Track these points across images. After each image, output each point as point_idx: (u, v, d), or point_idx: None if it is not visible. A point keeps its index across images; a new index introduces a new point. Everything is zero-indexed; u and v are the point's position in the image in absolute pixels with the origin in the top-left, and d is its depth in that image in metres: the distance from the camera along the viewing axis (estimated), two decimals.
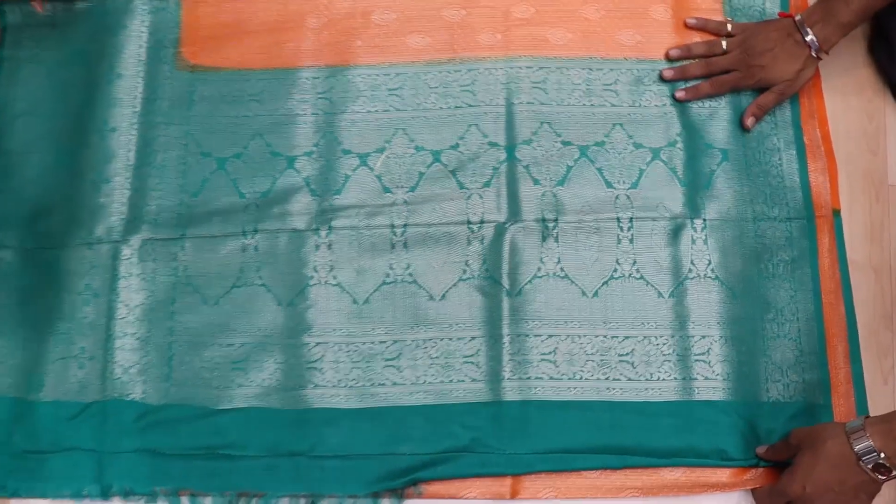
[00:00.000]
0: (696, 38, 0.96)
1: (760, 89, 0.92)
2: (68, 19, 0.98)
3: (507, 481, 0.84)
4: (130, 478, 0.83)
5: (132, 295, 0.88)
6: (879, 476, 0.73)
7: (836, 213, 0.91)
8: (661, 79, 0.93)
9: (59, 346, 0.87)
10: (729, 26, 0.94)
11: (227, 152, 0.93)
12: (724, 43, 0.93)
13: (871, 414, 0.83)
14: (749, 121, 0.92)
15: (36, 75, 0.97)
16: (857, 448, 0.73)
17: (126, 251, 0.89)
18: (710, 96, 0.93)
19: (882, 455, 0.72)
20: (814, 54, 0.89)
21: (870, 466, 0.73)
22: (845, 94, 0.95)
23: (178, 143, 0.93)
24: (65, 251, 0.90)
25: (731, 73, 0.92)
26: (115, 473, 0.84)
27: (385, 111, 0.94)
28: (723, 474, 0.84)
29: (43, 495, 0.84)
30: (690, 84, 0.94)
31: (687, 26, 0.96)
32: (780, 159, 0.93)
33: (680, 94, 0.92)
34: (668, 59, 0.94)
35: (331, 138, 0.93)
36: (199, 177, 0.92)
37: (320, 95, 0.94)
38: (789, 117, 0.94)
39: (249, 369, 0.87)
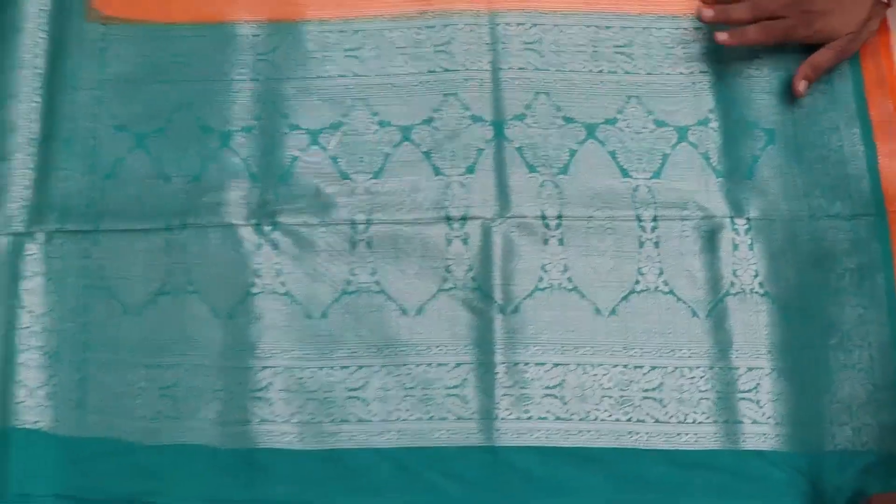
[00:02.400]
0: None
1: (813, 46, 0.82)
2: None
3: None
4: None
5: (37, 300, 0.81)
6: None
7: None
8: (700, 20, 0.84)
9: None
10: None
11: (146, 126, 0.85)
12: None
13: None
14: (801, 85, 0.82)
15: None
16: None
17: (30, 247, 0.82)
18: (759, 44, 0.83)
19: None
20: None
21: None
22: None
23: (88, 112, 0.85)
24: None
25: (781, 20, 0.82)
26: None
27: (341, 76, 0.85)
28: None
29: None
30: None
31: None
32: (840, 140, 0.82)
33: (722, 37, 0.82)
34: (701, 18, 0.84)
35: (274, 111, 0.84)
36: (113, 155, 0.84)
37: (261, 57, 0.86)
38: (850, 87, 0.84)
39: (181, 397, 0.79)
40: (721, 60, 0.83)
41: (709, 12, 0.82)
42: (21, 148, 0.83)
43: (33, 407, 0.78)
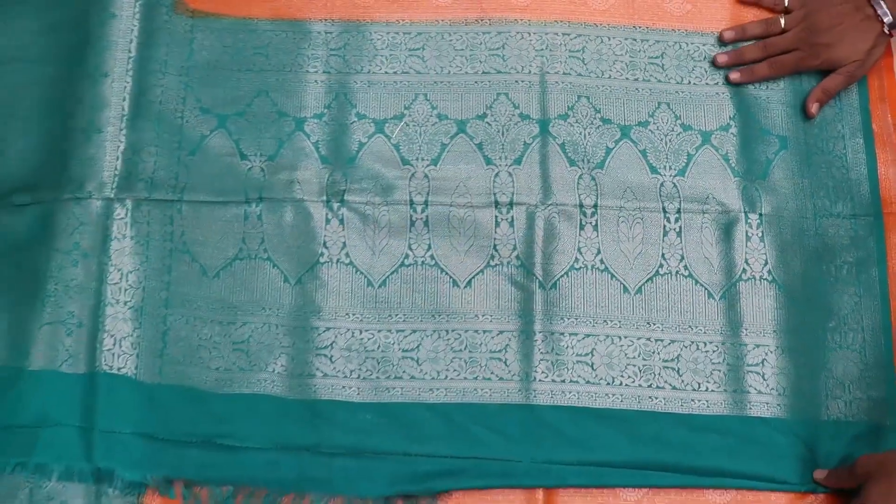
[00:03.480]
0: (751, 13, 0.91)
1: (824, 72, 0.87)
2: None
3: (539, 495, 0.79)
4: (121, 461, 0.79)
5: (125, 259, 0.84)
6: None
7: None
8: (714, 65, 0.89)
9: (47, 309, 0.82)
10: (787, 1, 0.89)
11: (228, 109, 0.88)
12: (782, 20, 0.88)
13: None
14: (814, 107, 0.87)
15: (23, 18, 0.92)
16: None
17: (119, 210, 0.85)
18: (769, 79, 0.88)
19: None
20: (886, 30, 0.84)
21: None
22: None
23: (176, 95, 0.89)
24: (53, 206, 0.85)
25: (791, 52, 0.87)
26: (106, 455, 0.79)
27: (405, 73, 0.89)
28: (777, 499, 0.79)
29: (30, 473, 0.79)
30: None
31: (740, 1, 0.91)
32: (844, 148, 0.88)
33: (735, 76, 0.88)
34: (722, 42, 0.90)
35: (344, 100, 0.88)
36: (197, 134, 0.87)
37: (333, 52, 0.89)
38: (856, 101, 0.89)
39: (252, 352, 0.82)
40: None
41: (722, 57, 0.88)
42: (112, 122, 0.87)
43: (119, 354, 0.81)
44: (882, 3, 0.83)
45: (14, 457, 0.79)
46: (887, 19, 0.83)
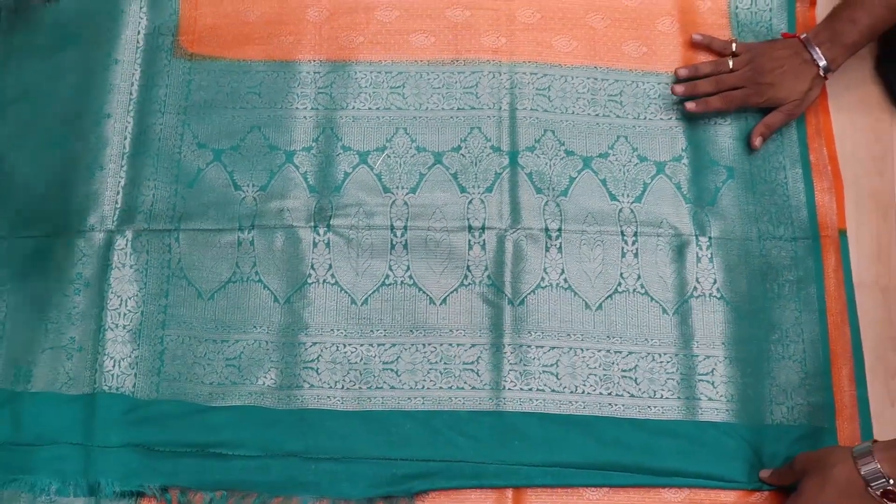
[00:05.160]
0: (702, 56, 0.97)
1: (767, 109, 0.93)
2: (63, 4, 0.98)
3: (509, 494, 0.83)
4: (118, 473, 0.82)
5: (125, 286, 0.88)
6: (888, 503, 0.72)
7: (843, 233, 0.92)
8: (672, 93, 0.93)
9: (49, 335, 0.86)
10: (734, 46, 0.95)
11: (223, 144, 0.93)
12: (730, 62, 0.94)
13: (877, 438, 0.82)
14: (757, 141, 0.92)
15: (29, 60, 0.96)
16: (864, 473, 0.72)
17: (120, 241, 0.89)
18: (720, 111, 0.93)
19: (891, 481, 0.71)
20: (821, 73, 0.90)
21: (878, 493, 0.72)
22: (852, 112, 0.96)
23: (174, 132, 0.93)
24: (57, 239, 0.89)
25: (739, 89, 0.92)
26: (103, 468, 0.82)
27: (386, 109, 0.94)
28: (727, 497, 0.84)
29: (28, 489, 0.82)
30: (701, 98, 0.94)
31: (693, 43, 0.97)
32: (785, 178, 0.93)
33: (690, 106, 0.92)
34: (677, 78, 0.95)
35: (330, 134, 0.93)
36: (194, 167, 0.91)
37: (320, 90, 0.94)
38: (795, 135, 0.95)
39: (244, 367, 0.86)
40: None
41: (680, 88, 0.92)
42: (114, 160, 0.91)
43: (118, 375, 0.85)
44: (817, 49, 0.89)
45: (13, 473, 0.82)
46: (822, 63, 0.89)
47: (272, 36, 0.96)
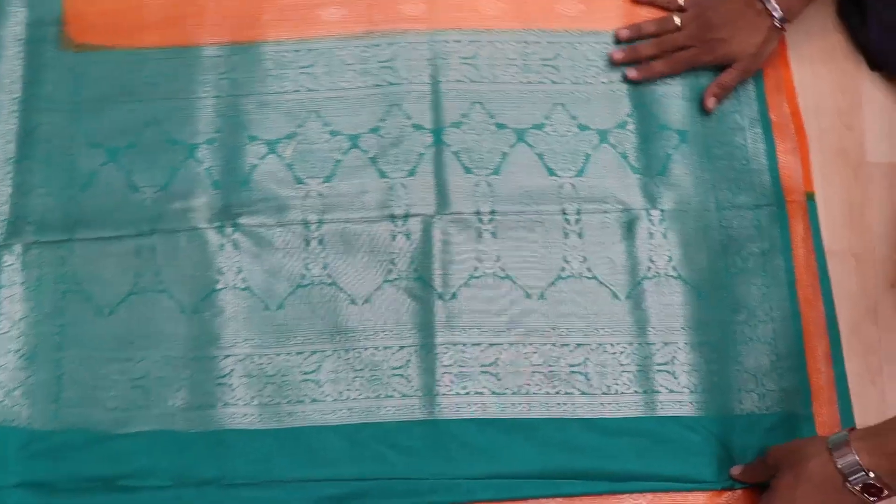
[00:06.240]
0: (645, 12, 0.92)
1: (720, 67, 0.88)
2: None
3: None
4: None
5: (15, 306, 0.83)
6: (870, 497, 0.68)
7: (810, 196, 0.87)
8: (611, 62, 0.89)
9: None
10: (680, 0, 0.90)
11: (119, 142, 0.87)
12: (676, 18, 0.89)
13: (860, 420, 0.80)
14: (710, 101, 0.87)
15: None
16: (841, 466, 0.68)
17: (7, 258, 0.84)
18: (665, 76, 0.89)
19: (871, 474, 0.67)
20: (777, 24, 0.85)
21: (858, 487, 0.68)
22: (814, 63, 0.91)
23: (65, 132, 0.88)
24: None
25: (687, 49, 0.88)
26: None
27: (295, 91, 0.88)
28: (695, 499, 0.79)
29: None
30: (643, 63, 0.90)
31: (634, 0, 0.92)
32: (744, 139, 0.88)
33: (632, 74, 0.88)
34: (617, 40, 0.90)
35: (235, 123, 0.88)
36: (87, 169, 0.87)
37: (223, 76, 0.89)
38: (753, 92, 0.89)
39: (151, 387, 0.81)
40: None
41: (619, 54, 0.88)
42: None
43: (10, 406, 0.80)
44: None
45: None
46: (777, 14, 0.84)
47: (170, 19, 0.90)
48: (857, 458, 0.67)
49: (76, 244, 0.84)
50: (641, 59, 0.88)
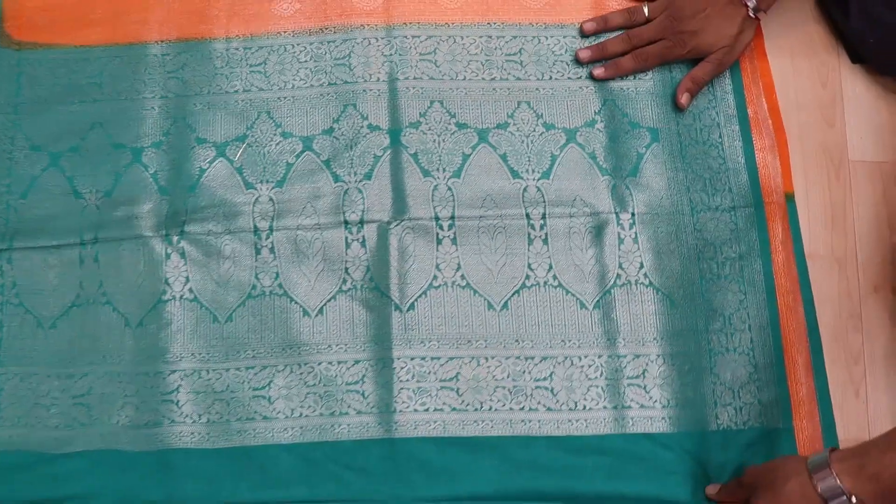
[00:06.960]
0: (613, 2, 0.89)
1: (693, 61, 0.85)
2: None
3: None
4: None
5: None
6: None
7: (790, 197, 0.84)
8: (577, 60, 0.86)
9: None
10: None
11: (61, 145, 0.85)
12: (645, 9, 0.86)
13: (843, 434, 0.78)
14: (683, 98, 0.84)
15: None
16: (822, 490, 0.66)
17: None
18: (635, 72, 0.86)
19: (854, 499, 0.64)
20: (751, 14, 0.82)
21: None
22: (793, 55, 0.88)
23: (4, 135, 0.86)
24: None
25: (657, 43, 0.85)
26: None
27: (246, 91, 0.86)
28: None
29: None
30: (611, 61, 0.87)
31: None
32: (720, 137, 0.85)
33: (598, 72, 0.85)
34: (583, 34, 0.87)
35: (183, 125, 0.85)
36: (27, 175, 0.84)
37: (171, 75, 0.86)
38: (730, 86, 0.87)
39: (94, 404, 0.79)
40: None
41: (584, 52, 0.85)
42: None
43: None
44: None
45: None
46: (751, 3, 0.81)
47: (116, 15, 0.87)
48: (839, 481, 0.65)
49: (14, 253, 0.82)
50: (609, 56, 0.85)
